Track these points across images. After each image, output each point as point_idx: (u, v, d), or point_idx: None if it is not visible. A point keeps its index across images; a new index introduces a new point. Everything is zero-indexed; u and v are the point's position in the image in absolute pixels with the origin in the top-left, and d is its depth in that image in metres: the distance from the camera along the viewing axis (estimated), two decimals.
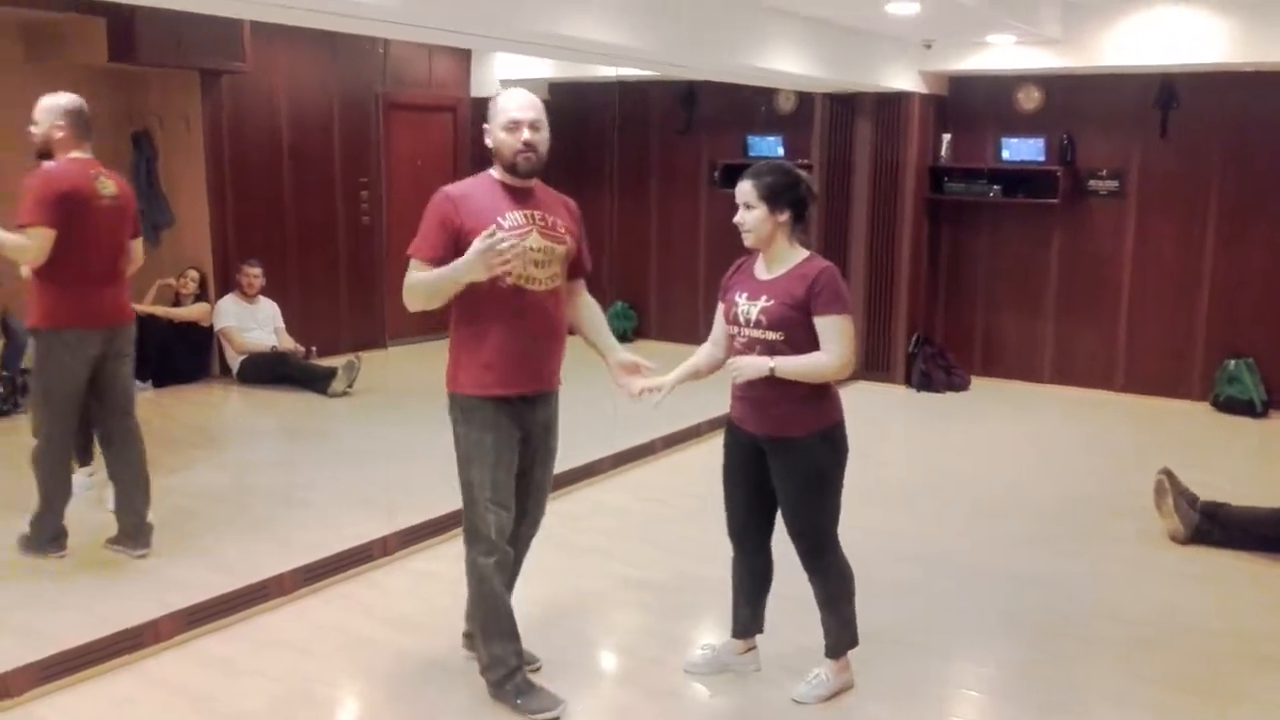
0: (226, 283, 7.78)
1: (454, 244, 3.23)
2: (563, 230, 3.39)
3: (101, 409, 4.46)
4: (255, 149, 8.05)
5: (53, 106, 4.30)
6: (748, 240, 3.36)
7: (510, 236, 3.19)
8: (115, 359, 4.44)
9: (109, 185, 4.39)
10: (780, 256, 3.35)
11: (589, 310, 3.59)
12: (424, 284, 3.24)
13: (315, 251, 8.55)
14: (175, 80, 7.41)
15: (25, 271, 4.46)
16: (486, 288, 3.23)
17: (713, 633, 3.92)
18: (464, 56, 9.36)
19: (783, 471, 3.40)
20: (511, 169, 3.31)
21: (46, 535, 4.46)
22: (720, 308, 3.50)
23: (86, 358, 4.33)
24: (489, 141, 3.35)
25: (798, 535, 3.46)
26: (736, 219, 3.35)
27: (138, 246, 4.63)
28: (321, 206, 8.57)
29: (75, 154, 4.33)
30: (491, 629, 3.39)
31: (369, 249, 8.77)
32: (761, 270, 3.39)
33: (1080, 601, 4.38)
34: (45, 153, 4.34)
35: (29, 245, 4.16)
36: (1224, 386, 7.64)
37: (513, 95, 3.34)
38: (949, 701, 3.63)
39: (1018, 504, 5.63)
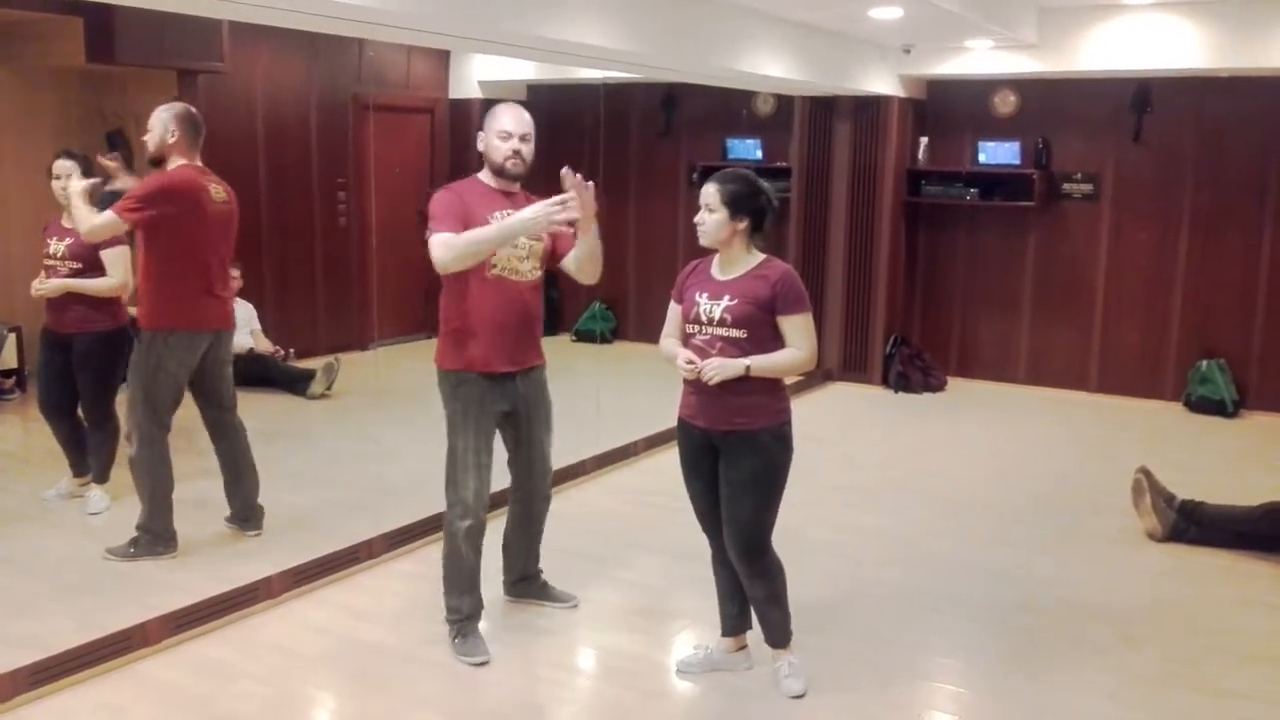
0: None
1: (463, 225, 3.57)
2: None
3: (209, 407, 4.64)
4: (232, 149, 7.98)
5: (166, 113, 4.41)
6: (703, 239, 3.48)
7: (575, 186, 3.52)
8: (219, 364, 4.56)
9: (220, 192, 4.49)
10: (738, 259, 3.47)
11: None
12: (470, 241, 3.51)
13: (292, 253, 8.50)
14: (152, 80, 7.33)
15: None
16: (475, 278, 3.63)
17: (705, 633, 3.94)
18: (442, 58, 9.35)
19: (736, 466, 3.43)
20: (499, 171, 3.74)
21: (160, 537, 4.48)
22: (674, 306, 3.58)
23: (190, 361, 4.41)
24: (480, 146, 3.78)
25: (742, 529, 3.44)
26: (697, 219, 3.47)
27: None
28: (298, 208, 8.52)
29: (185, 161, 4.41)
30: (452, 583, 3.81)
31: (346, 250, 8.74)
32: (719, 271, 3.49)
33: (1062, 599, 4.44)
34: (158, 159, 4.43)
35: (98, 224, 4.27)
36: (1196, 387, 7.75)
37: (509, 110, 3.75)
38: (934, 696, 3.67)
39: (996, 503, 5.68)
